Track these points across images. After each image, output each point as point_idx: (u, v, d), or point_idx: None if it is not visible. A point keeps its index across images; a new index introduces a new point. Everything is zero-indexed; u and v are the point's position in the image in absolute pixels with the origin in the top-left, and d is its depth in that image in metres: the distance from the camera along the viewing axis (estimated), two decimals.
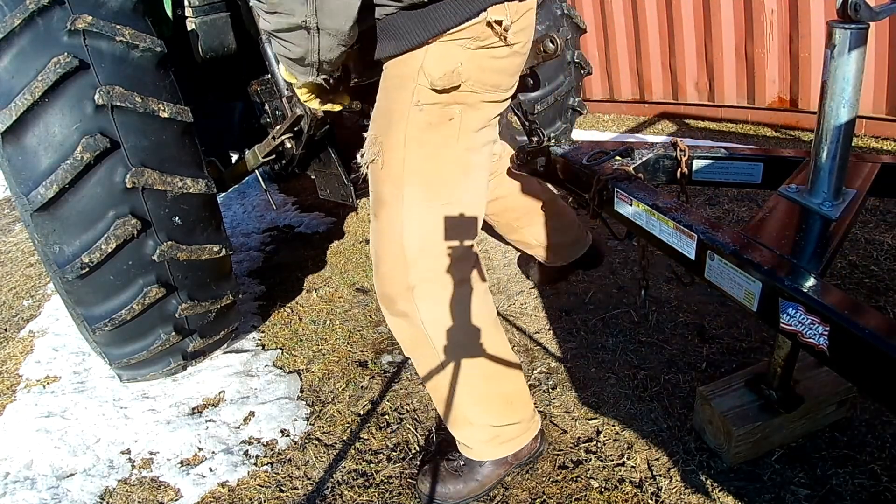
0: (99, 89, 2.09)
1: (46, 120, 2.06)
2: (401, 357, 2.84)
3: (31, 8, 2.05)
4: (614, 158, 2.17)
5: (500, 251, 3.77)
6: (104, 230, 2.14)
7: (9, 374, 3.06)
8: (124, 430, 2.53)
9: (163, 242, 2.25)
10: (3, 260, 4.63)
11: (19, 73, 2.05)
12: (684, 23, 5.95)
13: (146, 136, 2.21)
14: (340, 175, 3.04)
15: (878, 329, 1.19)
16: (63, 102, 2.07)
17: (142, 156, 2.19)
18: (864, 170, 1.96)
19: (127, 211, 2.17)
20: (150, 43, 2.23)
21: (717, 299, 2.91)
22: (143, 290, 2.27)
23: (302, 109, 2.58)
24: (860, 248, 3.21)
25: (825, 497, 1.86)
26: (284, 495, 2.14)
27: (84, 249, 2.14)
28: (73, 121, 2.08)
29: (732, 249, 1.52)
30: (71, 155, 2.05)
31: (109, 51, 2.15)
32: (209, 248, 2.41)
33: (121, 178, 2.14)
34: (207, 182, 2.40)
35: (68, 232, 2.15)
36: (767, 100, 5.58)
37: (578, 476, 2.07)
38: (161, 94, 2.27)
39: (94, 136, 2.07)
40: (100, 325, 2.29)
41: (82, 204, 2.12)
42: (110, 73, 2.14)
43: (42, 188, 2.05)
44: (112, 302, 2.28)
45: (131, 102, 2.14)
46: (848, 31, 1.51)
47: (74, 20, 2.07)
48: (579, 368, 2.59)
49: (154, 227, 2.24)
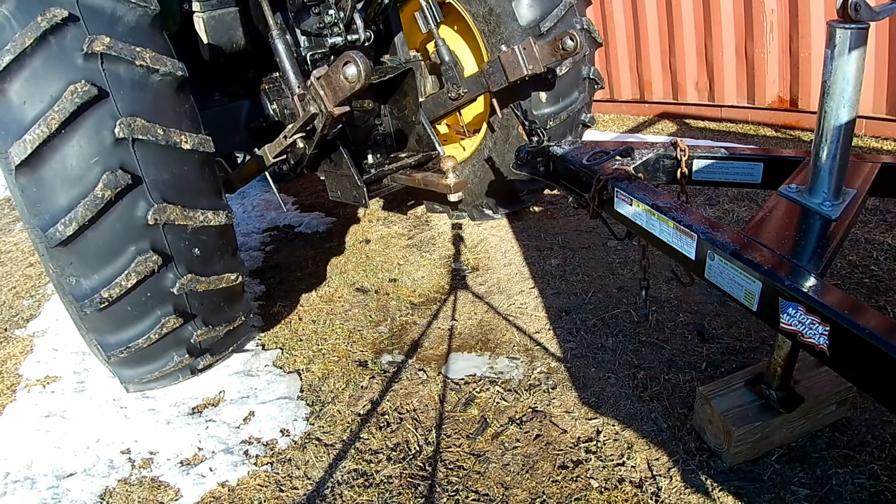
0: (120, 121, 1.98)
1: (63, 153, 1.95)
2: (401, 357, 2.84)
3: (44, 26, 1.91)
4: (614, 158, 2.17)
5: (500, 251, 3.77)
6: (124, 266, 2.08)
7: (9, 374, 3.06)
8: (124, 430, 2.53)
9: (182, 276, 2.21)
10: (3, 260, 4.63)
11: (32, 98, 1.93)
12: (684, 23, 5.95)
13: (168, 169, 2.12)
14: (353, 176, 2.97)
15: (878, 329, 1.19)
16: (81, 134, 1.96)
17: (163, 190, 2.11)
18: (864, 170, 1.96)
19: (148, 247, 2.11)
20: (170, 67, 2.11)
21: (717, 299, 2.91)
22: (161, 320, 2.23)
23: (316, 107, 2.49)
24: (860, 248, 3.21)
25: (825, 497, 1.86)
26: (284, 495, 2.14)
27: (104, 284, 2.09)
28: (92, 154, 1.97)
29: (732, 249, 1.52)
30: (91, 192, 1.96)
31: (129, 76, 2.03)
32: (226, 276, 2.38)
33: (142, 213, 2.06)
34: (227, 213, 2.34)
35: (87, 266, 2.08)
36: (767, 100, 5.59)
37: (578, 476, 2.07)
38: (182, 122, 2.17)
39: (115, 171, 1.98)
40: (115, 353, 2.25)
41: (101, 239, 2.05)
42: (130, 100, 2.03)
43: (61, 225, 1.96)
44: (129, 332, 2.24)
45: (153, 135, 2.04)
46: (848, 31, 1.51)
47: (91, 42, 1.94)
48: (579, 368, 2.59)
49: (174, 260, 2.19)
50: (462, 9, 3.54)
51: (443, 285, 3.46)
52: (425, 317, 3.16)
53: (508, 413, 2.39)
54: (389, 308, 3.28)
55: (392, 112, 3.45)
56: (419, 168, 3.29)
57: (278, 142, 2.81)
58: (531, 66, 3.04)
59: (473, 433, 2.31)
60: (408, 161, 3.24)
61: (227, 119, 3.25)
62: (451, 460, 2.20)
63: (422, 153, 3.32)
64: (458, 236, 4.06)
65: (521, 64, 3.04)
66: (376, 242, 4.15)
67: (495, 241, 3.92)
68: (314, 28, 3.11)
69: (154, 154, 2.08)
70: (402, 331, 3.06)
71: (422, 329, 3.05)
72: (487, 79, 3.23)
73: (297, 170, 3.22)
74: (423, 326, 3.07)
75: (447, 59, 3.37)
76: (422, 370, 2.72)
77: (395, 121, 3.46)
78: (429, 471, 2.17)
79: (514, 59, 3.06)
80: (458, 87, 3.39)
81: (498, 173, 3.77)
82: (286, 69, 2.77)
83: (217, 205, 2.32)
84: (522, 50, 3.03)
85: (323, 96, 2.38)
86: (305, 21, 3.09)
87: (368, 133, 3.39)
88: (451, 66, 3.39)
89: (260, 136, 3.23)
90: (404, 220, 4.45)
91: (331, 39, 3.14)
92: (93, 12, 2.01)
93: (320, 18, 3.08)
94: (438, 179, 2.93)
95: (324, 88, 2.37)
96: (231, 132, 3.26)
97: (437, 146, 3.27)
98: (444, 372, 2.69)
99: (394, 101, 3.38)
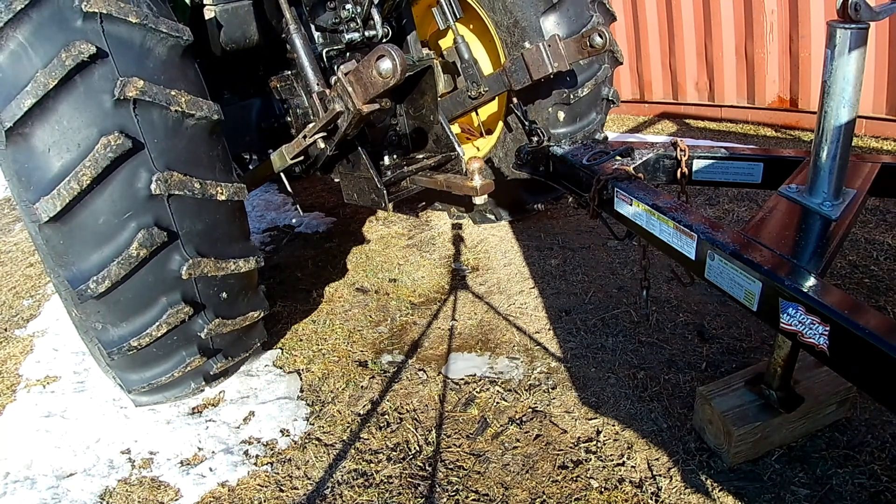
0: (156, 177, 1.88)
1: (95, 208, 1.85)
2: (401, 357, 2.84)
3: (69, 64, 1.73)
4: (614, 158, 2.17)
5: (500, 251, 3.77)
6: (156, 318, 2.06)
7: (9, 374, 3.05)
8: (124, 430, 2.53)
9: (210, 321, 2.21)
10: (3, 260, 4.63)
11: (59, 148, 1.79)
12: (684, 23, 5.95)
13: (202, 220, 2.06)
14: (372, 178, 2.81)
15: (878, 329, 1.19)
16: (114, 189, 1.85)
17: (197, 242, 2.05)
18: (864, 170, 1.96)
19: (179, 299, 2.08)
20: (206, 110, 2.01)
21: (717, 299, 2.91)
22: (185, 360, 2.23)
23: (342, 105, 2.32)
24: (860, 248, 3.21)
25: (825, 497, 1.86)
26: (284, 495, 2.14)
27: (133, 335, 2.07)
28: (126, 209, 1.88)
29: (732, 249, 1.52)
30: (125, 250, 1.89)
31: (163, 123, 1.91)
32: (250, 315, 2.39)
33: (176, 267, 2.02)
34: (257, 258, 2.31)
35: (116, 317, 2.04)
36: (767, 100, 5.59)
37: (578, 476, 2.07)
38: (216, 169, 2.09)
39: (150, 228, 1.90)
40: (137, 387, 2.24)
41: (133, 292, 2.00)
42: (164, 150, 1.92)
43: (93, 282, 1.90)
44: (153, 370, 2.24)
45: (190, 189, 1.96)
46: (848, 31, 1.51)
47: (124, 86, 1.82)
48: (579, 368, 2.59)
49: (203, 308, 2.18)
50: (486, 17, 3.45)
51: (443, 285, 3.46)
52: (425, 317, 3.16)
53: (508, 413, 2.39)
54: (389, 308, 3.28)
55: (408, 111, 3.29)
56: (438, 169, 3.16)
57: (297, 142, 2.66)
58: (557, 64, 2.94)
59: (473, 433, 2.31)
60: (427, 162, 3.10)
61: (237, 119, 3.10)
62: (451, 460, 2.20)
63: (440, 154, 3.18)
64: (458, 236, 4.06)
65: (546, 61, 2.95)
66: (376, 242, 4.15)
67: (495, 241, 3.92)
68: (329, 23, 2.99)
69: (189, 207, 2.00)
70: (402, 331, 3.06)
71: (422, 329, 3.05)
72: (509, 77, 3.13)
73: (309, 172, 3.08)
74: (423, 326, 3.07)
75: (466, 56, 3.28)
76: (422, 370, 2.72)
77: (411, 120, 3.31)
78: (429, 471, 2.17)
79: (538, 56, 2.96)
80: (478, 86, 3.29)
81: (513, 177, 3.69)
82: (304, 65, 2.65)
83: (247, 250, 2.29)
84: (547, 47, 2.93)
85: (351, 93, 2.23)
86: (320, 16, 2.97)
87: (384, 133, 3.26)
88: (470, 64, 3.29)
89: (271, 136, 3.13)
90: (404, 220, 4.45)
91: (347, 35, 3.01)
92: (121, 45, 1.87)
93: (336, 13, 2.97)
94: (463, 181, 2.80)
95: (352, 84, 2.22)
96: (241, 133, 3.10)
97: (457, 146, 3.14)
98: (444, 372, 2.69)
99: (411, 99, 3.23)
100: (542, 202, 3.90)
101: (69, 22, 1.80)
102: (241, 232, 2.27)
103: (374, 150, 3.06)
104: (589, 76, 3.37)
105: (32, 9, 1.76)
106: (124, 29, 1.87)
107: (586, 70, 3.35)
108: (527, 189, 3.72)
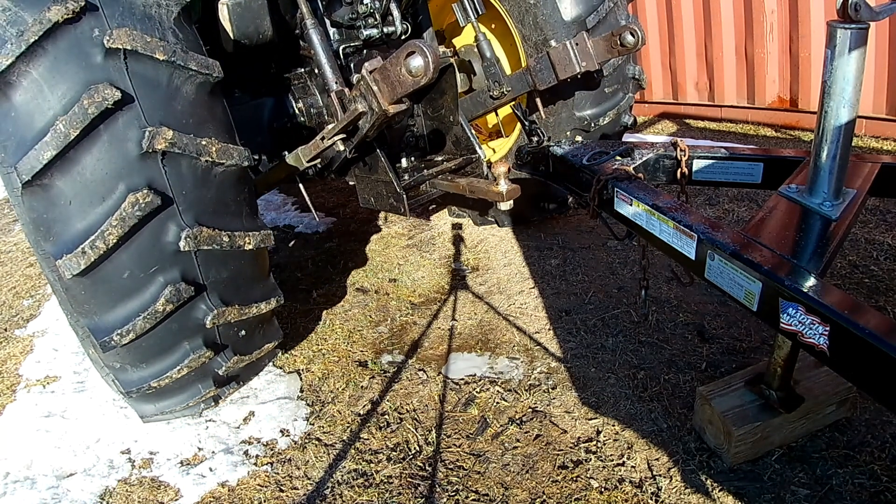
0: (186, 234, 1.81)
1: (120, 264, 1.79)
2: (401, 357, 2.84)
3: (92, 113, 1.60)
4: (614, 158, 2.17)
5: (500, 251, 3.77)
6: (177, 362, 2.06)
7: (9, 374, 3.05)
8: (124, 430, 2.53)
9: (229, 360, 2.22)
10: (3, 260, 4.62)
11: (83, 201, 1.69)
12: (684, 23, 5.95)
13: (228, 268, 2.03)
14: (392, 182, 2.66)
15: (878, 329, 1.19)
16: (141, 244, 1.78)
17: (222, 291, 2.03)
18: (864, 170, 1.96)
19: (201, 344, 2.07)
20: (237, 158, 1.92)
21: (717, 299, 2.91)
22: (201, 391, 2.25)
23: (365, 105, 2.17)
24: (860, 248, 3.21)
25: (825, 497, 1.86)
26: (284, 495, 2.14)
27: (154, 377, 2.08)
28: (153, 264, 1.82)
29: (732, 249, 1.52)
30: (152, 305, 1.85)
31: (192, 174, 1.82)
32: (266, 347, 2.40)
33: (200, 316, 2.00)
34: (278, 298, 2.30)
35: (137, 360, 2.04)
36: (767, 100, 5.59)
37: (578, 476, 2.07)
38: (243, 215, 2.04)
39: (178, 284, 1.85)
40: (150, 419, 2.29)
41: (156, 339, 1.98)
42: (193, 202, 1.84)
43: (116, 335, 1.87)
44: (166, 403, 2.27)
45: (218, 243, 1.91)
46: (848, 31, 1.51)
47: (153, 138, 1.69)
48: (579, 368, 2.59)
49: (223, 349, 2.19)
50: (506, 15, 3.33)
51: (443, 285, 3.46)
52: (425, 317, 3.16)
53: (508, 413, 2.39)
54: (389, 308, 3.28)
55: (426, 111, 3.13)
56: (458, 172, 3.00)
57: (314, 144, 2.51)
58: (584, 63, 2.83)
59: (473, 433, 2.31)
60: (447, 165, 2.95)
61: (249, 119, 2.92)
62: (451, 460, 2.20)
63: (460, 156, 3.02)
64: (458, 236, 4.06)
65: (574, 60, 2.84)
66: (376, 242, 4.15)
67: (495, 241, 3.92)
68: (346, 19, 2.85)
69: (217, 259, 1.97)
70: (402, 331, 3.06)
71: (422, 329, 3.05)
72: (534, 76, 3.00)
73: (323, 174, 2.95)
74: (423, 326, 3.07)
75: (488, 54, 3.17)
76: (422, 370, 2.72)
77: (429, 121, 3.15)
78: (429, 471, 2.17)
79: (565, 55, 2.85)
80: (500, 86, 3.17)
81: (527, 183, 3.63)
82: (322, 62, 2.52)
83: (268, 291, 2.28)
84: (575, 45, 2.83)
85: (377, 92, 2.08)
86: (337, 11, 2.83)
87: (401, 134, 3.12)
88: (492, 63, 3.17)
89: (283, 137, 3.02)
90: (404, 220, 4.45)
91: (365, 31, 2.87)
92: (147, 86, 1.73)
93: (353, 8, 2.84)
94: (488, 186, 2.63)
95: (378, 83, 2.07)
96: (252, 133, 2.93)
97: (478, 149, 3.00)
98: (444, 372, 2.69)
99: (429, 99, 3.06)
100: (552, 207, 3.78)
101: (90, 57, 1.64)
102: (263, 273, 2.25)
103: (390, 152, 2.92)
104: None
105: (47, 41, 1.60)
106: (151, 68, 1.73)
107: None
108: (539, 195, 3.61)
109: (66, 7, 1.58)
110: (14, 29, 1.57)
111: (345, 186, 5.13)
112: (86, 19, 1.63)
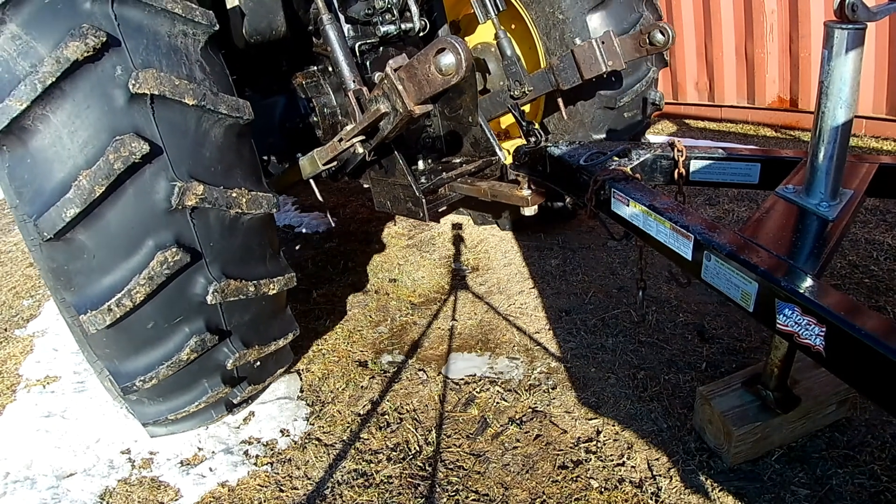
0: (213, 288, 1.78)
1: (145, 316, 1.75)
2: (401, 357, 2.84)
3: (118, 168, 1.49)
4: (612, 159, 2.17)
5: (500, 251, 3.77)
6: (195, 398, 2.10)
7: (9, 374, 3.06)
8: (124, 430, 2.54)
9: (244, 389, 2.26)
10: (3, 260, 4.63)
11: (107, 257, 1.60)
12: (684, 23, 5.95)
13: (250, 313, 2.02)
14: (410, 185, 2.55)
15: (875, 330, 1.19)
16: (168, 298, 1.74)
17: (243, 334, 2.04)
18: (862, 170, 1.96)
19: (220, 381, 2.10)
20: (266, 205, 1.87)
21: (717, 299, 2.91)
22: (213, 416, 2.29)
23: (387, 105, 2.06)
24: (860, 248, 3.21)
25: (825, 497, 1.86)
26: (284, 495, 2.15)
27: (172, 411, 2.13)
28: (177, 315, 1.80)
29: (728, 250, 1.52)
30: (176, 355, 1.84)
31: (219, 226, 1.77)
32: (278, 372, 2.45)
33: (222, 359, 2.02)
34: (294, 332, 2.31)
35: (157, 396, 2.07)
36: (767, 100, 5.59)
37: (578, 476, 2.07)
38: (266, 258, 2.01)
39: (203, 335, 1.84)
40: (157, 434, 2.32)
41: (177, 380, 1.99)
42: (220, 252, 1.80)
43: (139, 381, 1.87)
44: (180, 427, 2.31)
45: (245, 293, 1.90)
46: (845, 32, 1.51)
47: (183, 194, 1.61)
48: (579, 368, 2.59)
49: (240, 382, 2.23)
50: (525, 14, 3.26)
51: (443, 285, 3.46)
52: (425, 317, 3.16)
53: (508, 413, 2.39)
54: (389, 308, 3.29)
55: (443, 112, 3.02)
56: (477, 175, 2.87)
57: (332, 146, 2.40)
58: (611, 62, 2.75)
59: (473, 433, 2.32)
60: (466, 168, 2.84)
61: (259, 119, 2.84)
62: (451, 460, 2.20)
63: (480, 158, 2.91)
64: (458, 236, 4.07)
65: (600, 59, 2.75)
66: (376, 242, 4.16)
67: (495, 241, 3.92)
68: (362, 15, 2.75)
69: (241, 307, 1.95)
70: (402, 331, 3.06)
71: (422, 329, 3.05)
72: (557, 76, 2.92)
73: (337, 176, 2.84)
74: (423, 326, 3.07)
75: (509, 53, 3.06)
76: (422, 370, 2.73)
77: (446, 122, 3.03)
78: (429, 471, 2.17)
79: (590, 53, 2.77)
80: (522, 85, 3.06)
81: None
82: (339, 60, 2.43)
83: (286, 326, 2.29)
84: (601, 44, 2.74)
85: (402, 91, 1.95)
86: (353, 7, 2.73)
87: (417, 135, 3.04)
88: (513, 62, 3.07)
89: (296, 137, 2.93)
90: (404, 220, 4.45)
91: (382, 28, 2.77)
92: (175, 135, 1.62)
93: (369, 4, 2.73)
94: (511, 190, 2.53)
95: (403, 82, 1.94)
96: (264, 134, 2.79)
97: (498, 150, 2.89)
98: (444, 372, 2.70)
99: (447, 99, 2.93)
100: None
101: (113, 101, 1.52)
102: (281, 308, 2.27)
103: (407, 154, 2.80)
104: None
105: (66, 83, 1.47)
106: (179, 114, 1.63)
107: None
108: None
109: (86, 43, 1.43)
110: (26, 62, 1.45)
111: (345, 186, 5.14)
112: (107, 56, 1.50)
